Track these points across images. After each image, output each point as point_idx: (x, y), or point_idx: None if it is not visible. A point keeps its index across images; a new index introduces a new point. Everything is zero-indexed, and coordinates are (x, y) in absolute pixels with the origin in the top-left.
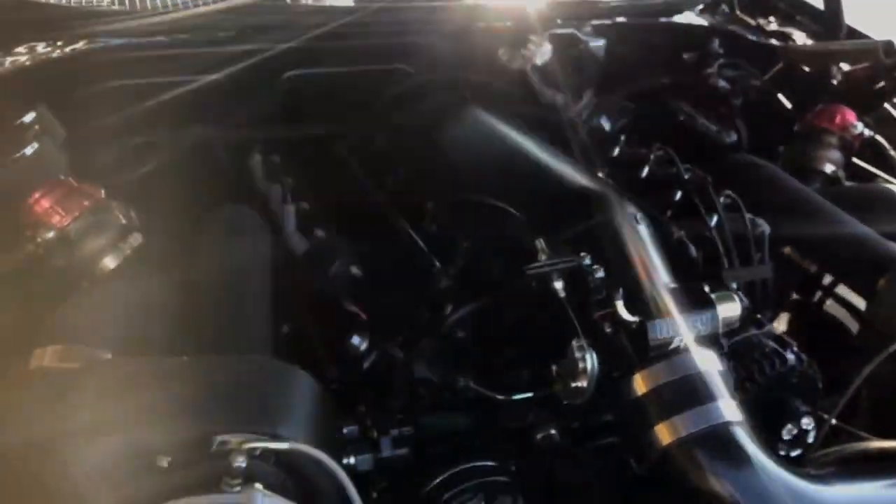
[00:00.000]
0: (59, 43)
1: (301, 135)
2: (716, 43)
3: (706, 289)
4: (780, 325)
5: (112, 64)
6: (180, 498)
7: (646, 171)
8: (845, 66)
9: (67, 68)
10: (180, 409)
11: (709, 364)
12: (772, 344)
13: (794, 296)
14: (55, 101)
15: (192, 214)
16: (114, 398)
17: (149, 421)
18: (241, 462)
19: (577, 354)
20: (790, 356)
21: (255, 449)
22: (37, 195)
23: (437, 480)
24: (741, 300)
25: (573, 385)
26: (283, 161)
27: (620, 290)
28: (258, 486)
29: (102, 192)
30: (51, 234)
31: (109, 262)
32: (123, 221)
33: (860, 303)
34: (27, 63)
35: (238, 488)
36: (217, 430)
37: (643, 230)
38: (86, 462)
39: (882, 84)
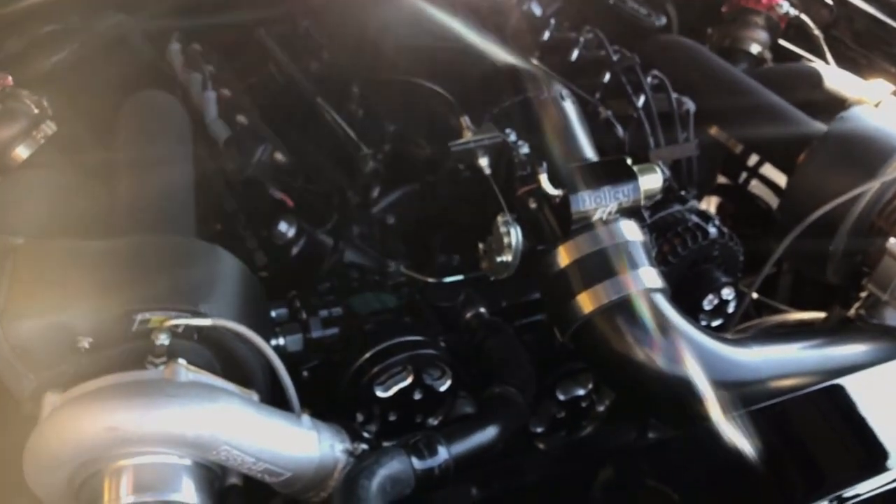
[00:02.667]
0: None
1: (221, 23)
2: None
3: (629, 161)
4: (710, 207)
5: None
6: (104, 376)
7: (575, 54)
8: None
9: None
10: (100, 290)
11: (630, 234)
12: (694, 218)
13: (721, 178)
14: None
15: (109, 104)
16: (31, 280)
17: (68, 302)
18: (163, 340)
19: (503, 229)
20: (712, 230)
21: (177, 326)
22: None
23: (367, 355)
24: (663, 172)
25: (499, 260)
26: (205, 49)
27: (544, 165)
28: (182, 360)
29: (9, 78)
30: None
31: (22, 152)
32: (35, 110)
33: (783, 182)
34: None
35: (163, 366)
36: (137, 309)
37: (568, 106)
38: (5, 346)
39: None
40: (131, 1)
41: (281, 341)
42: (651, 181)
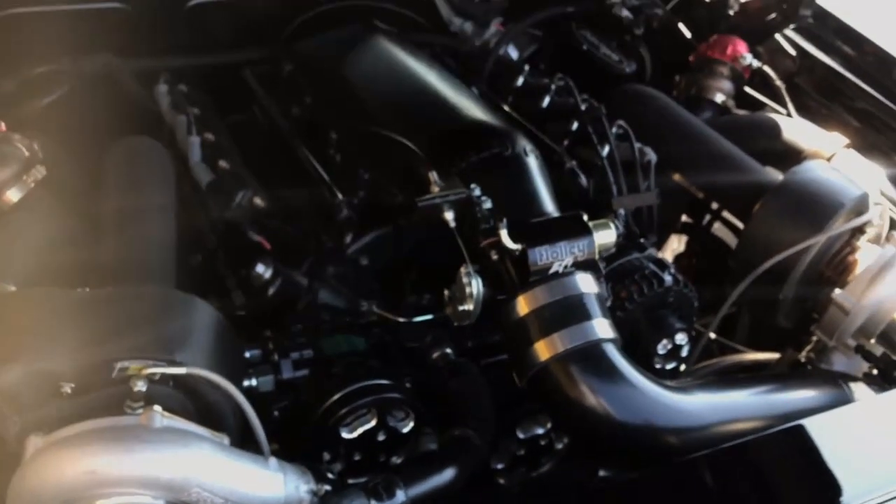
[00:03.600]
0: None
1: (208, 63)
2: None
3: (584, 217)
4: (680, 244)
5: None
6: (84, 421)
7: (547, 100)
8: None
9: None
10: (82, 339)
11: (585, 286)
12: (651, 266)
13: (685, 218)
14: None
15: (98, 145)
16: (18, 328)
17: (52, 350)
18: (141, 387)
19: (465, 280)
20: (667, 277)
21: (154, 374)
22: None
23: (334, 398)
24: (616, 228)
25: (461, 308)
26: (191, 90)
27: (505, 221)
28: (157, 407)
29: (3, 124)
30: None
31: (13, 195)
32: (26, 154)
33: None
34: None
35: (140, 411)
36: (117, 358)
37: (532, 162)
38: None
39: (773, 16)
40: (118, 41)
41: (253, 382)
42: (605, 236)
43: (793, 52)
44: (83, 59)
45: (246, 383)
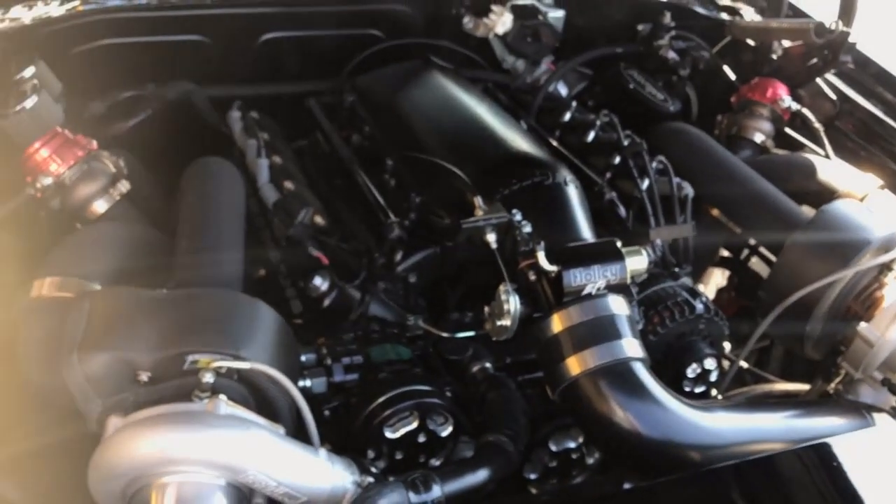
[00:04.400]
0: (56, 2)
1: (277, 92)
2: (668, 16)
3: (618, 244)
4: (723, 279)
5: (105, 23)
6: (157, 406)
7: (592, 135)
8: (786, 43)
9: (64, 27)
10: (159, 334)
11: (617, 308)
12: (684, 294)
13: (724, 252)
14: (53, 56)
15: (176, 163)
16: (103, 322)
17: (132, 342)
18: (209, 378)
19: (503, 297)
20: (699, 305)
21: (220, 367)
22: (36, 145)
23: (379, 400)
24: (648, 255)
25: (499, 324)
26: (261, 116)
27: (542, 243)
28: (222, 397)
29: (94, 143)
30: (48, 181)
31: (100, 206)
32: (113, 170)
33: None
34: (27, 21)
35: (206, 399)
36: (189, 351)
37: (571, 191)
38: (80, 375)
39: (814, 60)
40: (197, 71)
41: (308, 383)
42: (637, 262)
43: (833, 96)
44: (165, 85)
45: (301, 383)
